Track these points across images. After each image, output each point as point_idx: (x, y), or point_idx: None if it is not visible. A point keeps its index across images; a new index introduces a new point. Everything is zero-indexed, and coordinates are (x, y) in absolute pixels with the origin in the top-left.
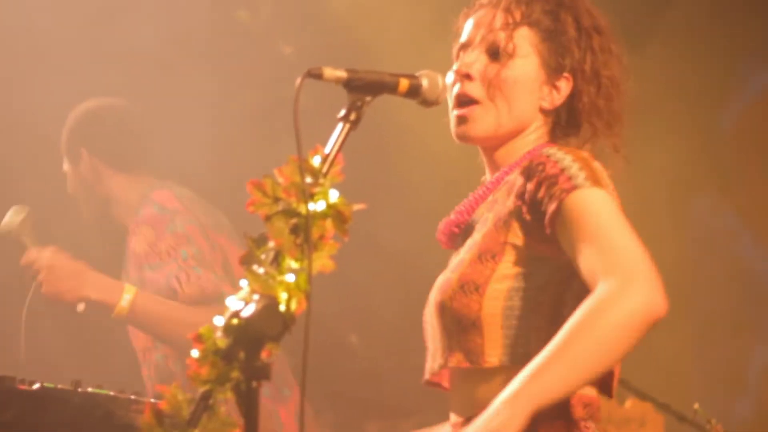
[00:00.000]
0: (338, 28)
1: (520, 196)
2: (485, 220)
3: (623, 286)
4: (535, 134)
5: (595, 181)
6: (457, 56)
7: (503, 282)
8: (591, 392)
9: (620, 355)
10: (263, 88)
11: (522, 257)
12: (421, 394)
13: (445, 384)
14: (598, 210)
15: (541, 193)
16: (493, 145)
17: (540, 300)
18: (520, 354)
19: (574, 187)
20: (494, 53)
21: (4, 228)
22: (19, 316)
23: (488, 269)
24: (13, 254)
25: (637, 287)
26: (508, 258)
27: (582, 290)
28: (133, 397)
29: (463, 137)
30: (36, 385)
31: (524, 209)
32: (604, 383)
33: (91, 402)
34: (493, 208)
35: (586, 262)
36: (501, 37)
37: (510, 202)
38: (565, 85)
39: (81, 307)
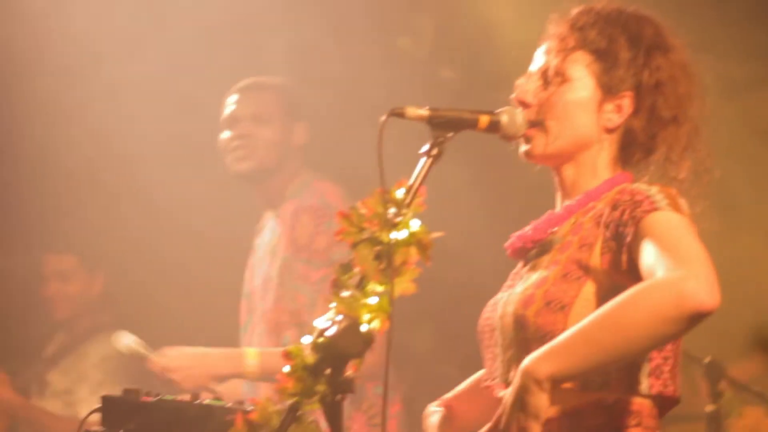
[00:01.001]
0: (501, 54)
1: (607, 225)
2: (568, 242)
3: (680, 273)
4: (605, 153)
5: (676, 207)
6: None
7: (587, 304)
8: (640, 399)
9: (660, 332)
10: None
11: (604, 283)
12: None
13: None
14: (674, 226)
15: (625, 216)
16: (557, 164)
17: None
18: (596, 382)
19: (655, 209)
20: (547, 79)
21: (126, 351)
22: None
23: (573, 290)
24: None
25: (693, 276)
26: (592, 282)
27: None
28: (247, 407)
29: (526, 156)
30: (157, 398)
31: (608, 235)
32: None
33: (207, 412)
34: (578, 232)
35: (657, 265)
36: (553, 63)
37: (597, 232)
38: (627, 104)
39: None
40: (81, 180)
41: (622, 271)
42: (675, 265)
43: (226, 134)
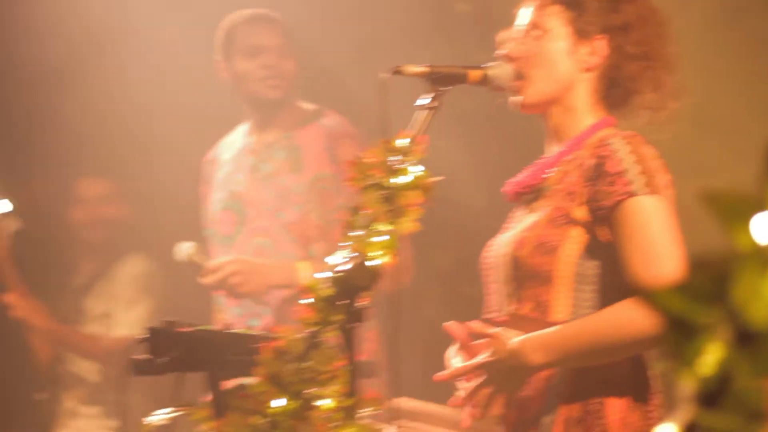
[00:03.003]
0: None
1: (588, 180)
2: (557, 189)
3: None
4: (586, 94)
5: (653, 187)
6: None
7: (573, 248)
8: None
9: (642, 347)
10: (444, 45)
11: (586, 230)
12: None
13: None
14: (648, 219)
15: (602, 187)
16: (544, 110)
17: (603, 270)
18: (583, 314)
19: (630, 194)
20: (526, 33)
21: (182, 256)
22: None
23: (560, 234)
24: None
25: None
26: (577, 229)
27: None
28: (273, 336)
29: (515, 107)
30: (194, 328)
31: (588, 193)
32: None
33: (238, 340)
34: (563, 180)
35: (630, 262)
36: (531, 18)
37: (580, 180)
38: (600, 46)
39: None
40: (116, 109)
41: (600, 227)
42: (647, 270)
43: (248, 62)
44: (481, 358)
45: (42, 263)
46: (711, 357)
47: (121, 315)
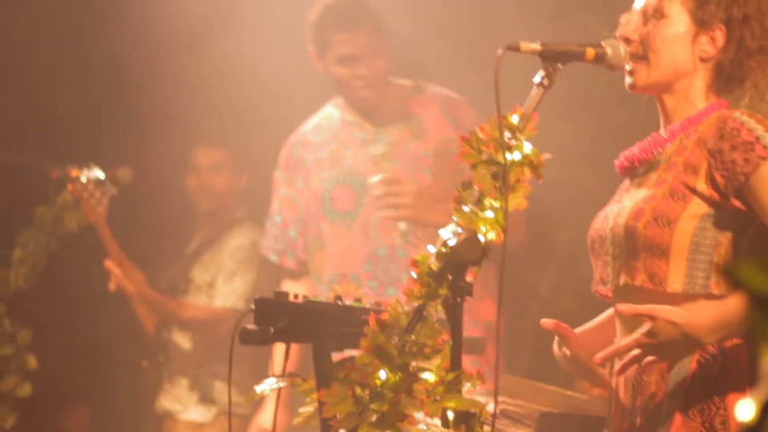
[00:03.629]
0: None
1: (712, 152)
2: (674, 163)
3: None
4: (701, 82)
5: None
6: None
7: (691, 221)
8: None
9: None
10: (561, 20)
11: (706, 202)
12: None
13: (608, 298)
14: None
15: (736, 155)
16: (659, 93)
17: (720, 241)
18: (699, 285)
19: None
20: (647, 16)
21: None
22: None
23: (679, 207)
24: None
25: None
26: (696, 201)
27: (755, 237)
28: (381, 309)
29: (630, 87)
30: (304, 299)
31: (713, 164)
32: None
33: (347, 312)
34: (682, 153)
35: None
36: (652, 1)
37: (701, 154)
38: (719, 36)
39: (404, 226)
40: (231, 79)
41: (724, 194)
42: None
43: (343, 69)
44: (640, 334)
45: (158, 230)
46: None
47: (221, 286)
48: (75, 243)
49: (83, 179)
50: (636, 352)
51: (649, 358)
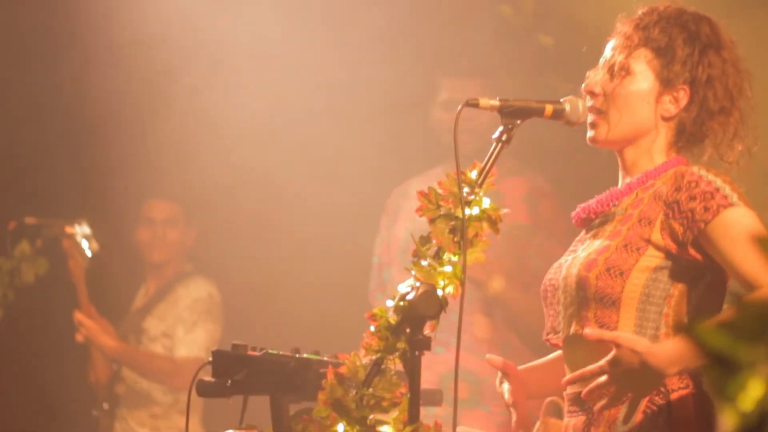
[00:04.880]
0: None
1: (669, 204)
2: (629, 215)
3: None
4: (661, 139)
5: (745, 201)
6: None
7: (644, 272)
8: None
9: None
10: (523, 77)
11: (660, 253)
12: None
13: (561, 347)
14: (753, 224)
15: (695, 204)
16: (619, 148)
17: (671, 293)
18: (649, 336)
19: (731, 204)
20: (612, 72)
21: None
22: None
23: (632, 258)
24: None
25: None
26: (650, 252)
27: (704, 291)
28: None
29: (591, 141)
30: (262, 351)
31: (671, 214)
32: None
33: (305, 365)
34: (638, 206)
35: (744, 269)
36: (619, 58)
37: (657, 207)
38: (683, 96)
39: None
40: (184, 136)
41: (681, 245)
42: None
43: (446, 114)
44: (605, 361)
45: (110, 283)
46: (752, 394)
47: (183, 336)
48: (32, 294)
49: (76, 237)
50: (603, 378)
51: (610, 384)
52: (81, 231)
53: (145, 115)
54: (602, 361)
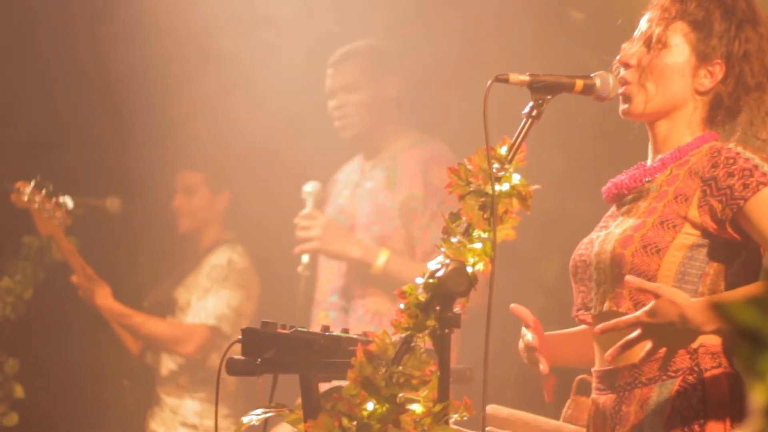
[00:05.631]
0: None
1: (706, 181)
2: (665, 192)
3: None
4: (696, 113)
5: None
6: None
7: (680, 250)
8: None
9: None
10: (555, 52)
11: (697, 231)
12: None
13: (590, 324)
14: None
15: (733, 181)
16: (652, 121)
17: (706, 271)
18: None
19: None
20: (649, 44)
21: (305, 195)
22: None
23: (669, 236)
24: None
25: None
26: (686, 230)
27: (740, 270)
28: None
29: (624, 114)
30: (292, 329)
31: (708, 191)
32: None
33: (334, 343)
34: (673, 183)
35: None
36: (656, 30)
37: (694, 183)
38: (718, 70)
39: (306, 259)
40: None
41: (718, 222)
42: None
43: (330, 103)
44: (642, 312)
45: (151, 254)
46: None
47: (194, 303)
48: (61, 272)
49: (27, 190)
50: (637, 333)
51: (648, 345)
52: (37, 187)
53: (173, 84)
54: (638, 312)
